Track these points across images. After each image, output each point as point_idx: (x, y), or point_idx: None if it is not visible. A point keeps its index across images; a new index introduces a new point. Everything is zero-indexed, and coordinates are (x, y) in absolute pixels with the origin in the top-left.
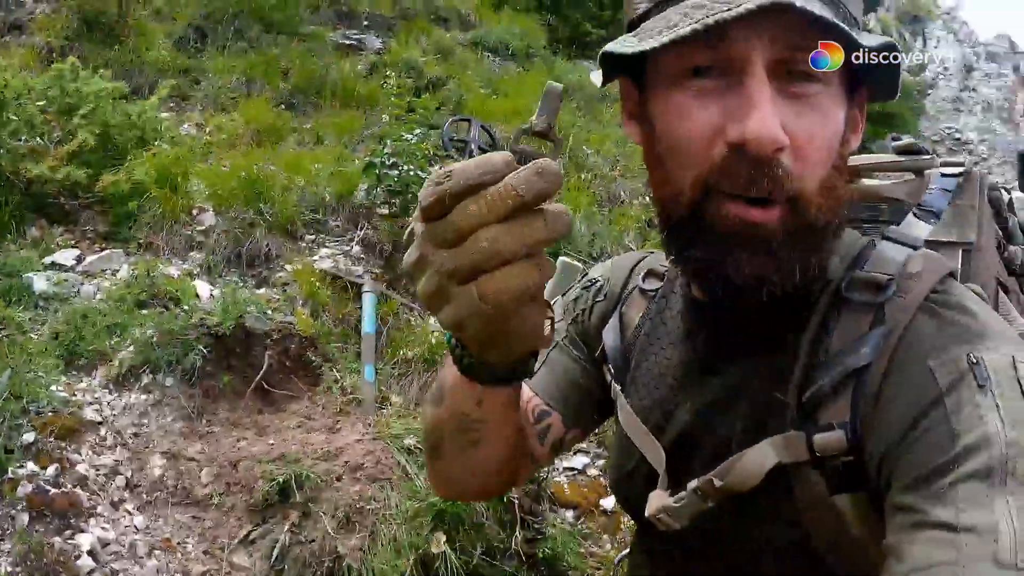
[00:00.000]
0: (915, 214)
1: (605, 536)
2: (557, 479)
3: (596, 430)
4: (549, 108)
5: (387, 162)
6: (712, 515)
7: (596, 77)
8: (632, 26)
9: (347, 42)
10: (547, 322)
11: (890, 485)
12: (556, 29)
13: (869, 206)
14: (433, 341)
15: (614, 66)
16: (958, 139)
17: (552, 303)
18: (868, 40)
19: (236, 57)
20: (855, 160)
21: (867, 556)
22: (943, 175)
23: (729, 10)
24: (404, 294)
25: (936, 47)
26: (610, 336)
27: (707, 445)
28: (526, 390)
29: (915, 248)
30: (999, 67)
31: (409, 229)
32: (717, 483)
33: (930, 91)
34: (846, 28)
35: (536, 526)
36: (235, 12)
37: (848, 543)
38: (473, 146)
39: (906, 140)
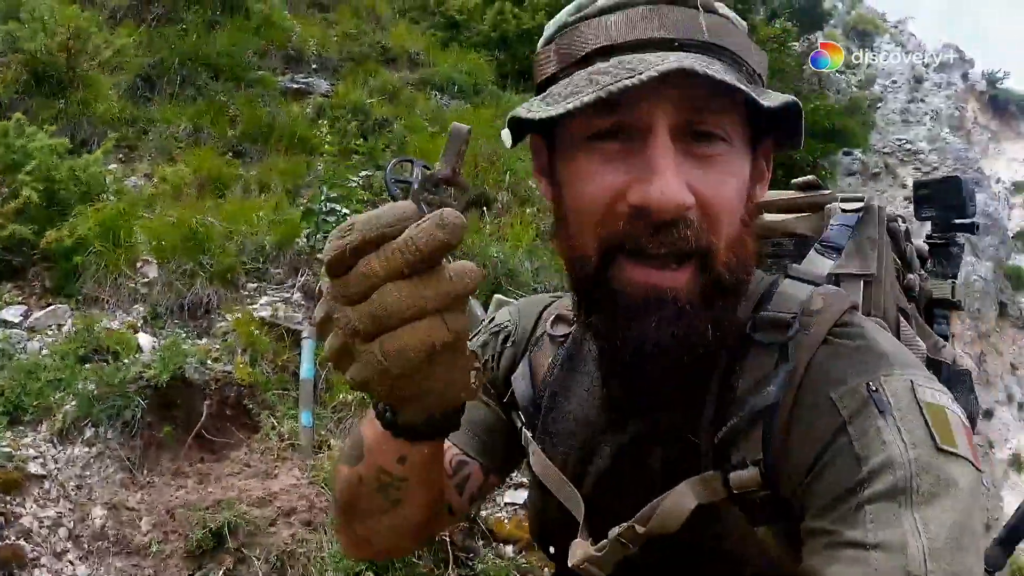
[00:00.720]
0: (817, 250)
1: (546, 570)
2: (497, 514)
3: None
4: (454, 151)
5: (325, 208)
6: (637, 560)
7: (506, 137)
8: (541, 88)
9: (295, 86)
10: (473, 373)
11: (804, 513)
12: (505, 64)
13: (773, 242)
14: None
15: (524, 127)
16: (909, 149)
17: (477, 353)
18: (771, 100)
19: (184, 106)
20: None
21: None
22: (843, 210)
23: (632, 77)
24: None
25: (885, 60)
26: (520, 384)
27: (626, 490)
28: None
29: (817, 284)
30: (948, 76)
31: (319, 285)
32: (640, 529)
33: (880, 104)
34: (747, 90)
35: (470, 563)
36: (183, 60)
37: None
38: (415, 186)
39: (806, 178)
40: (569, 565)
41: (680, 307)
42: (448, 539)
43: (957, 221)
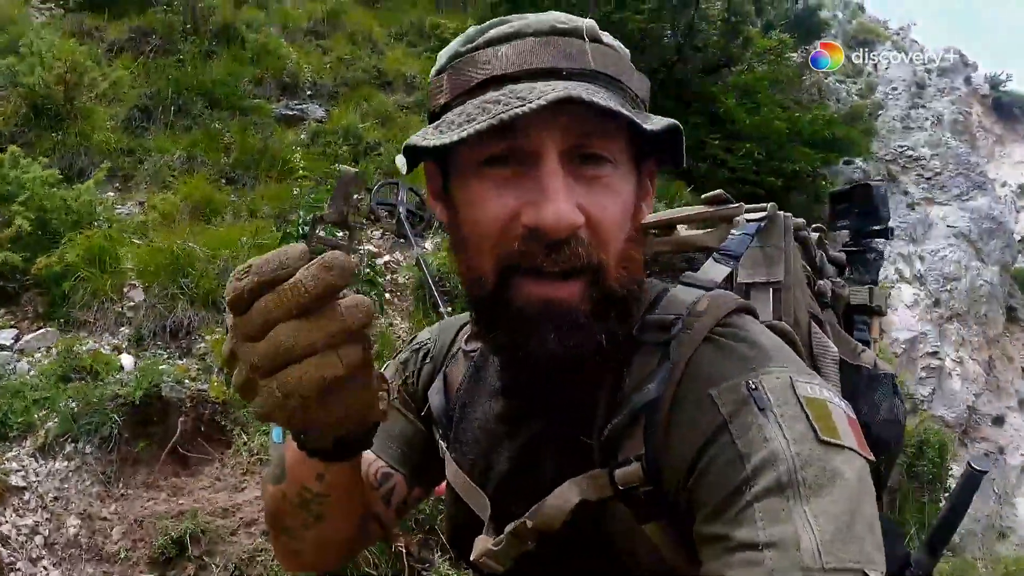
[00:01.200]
0: (714, 258)
1: None
2: None
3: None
4: (342, 195)
5: (303, 231)
6: (536, 557)
7: (401, 164)
8: (434, 116)
9: (290, 113)
10: (382, 395)
11: (693, 516)
12: None
13: (685, 256)
14: None
15: (418, 154)
16: (911, 156)
17: (384, 373)
18: (653, 124)
19: (179, 135)
20: (669, 214)
21: None
22: (748, 220)
23: (522, 105)
24: None
25: (887, 68)
26: (435, 398)
27: (525, 490)
28: (367, 454)
29: (708, 289)
30: (951, 81)
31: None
32: (529, 524)
33: (881, 112)
34: (630, 115)
35: (424, 573)
36: (179, 90)
37: (665, 572)
38: (401, 208)
39: (715, 192)
40: (471, 559)
41: (574, 318)
42: (404, 550)
43: (871, 228)
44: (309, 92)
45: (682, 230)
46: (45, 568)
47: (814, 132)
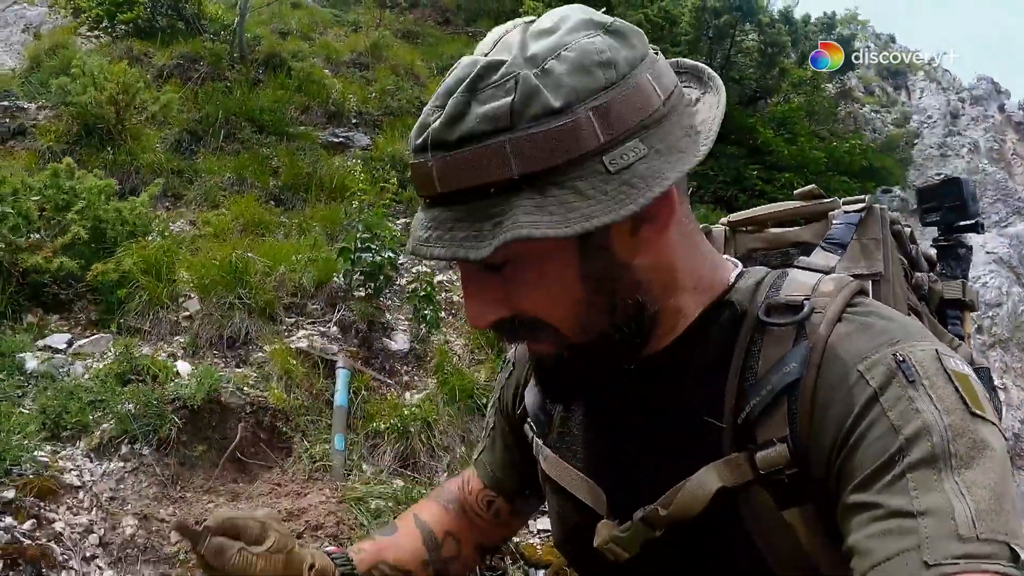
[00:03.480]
0: (822, 247)
1: None
2: (530, 540)
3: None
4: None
5: (360, 246)
6: (663, 545)
7: None
8: None
9: (336, 140)
10: None
11: (839, 490)
12: None
13: (781, 253)
14: (405, 413)
15: None
16: (949, 176)
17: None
18: (493, 241)
19: (228, 158)
20: (761, 210)
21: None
22: (846, 212)
23: (414, 248)
24: (377, 370)
25: (920, 98)
26: (530, 396)
27: (646, 479)
28: (475, 483)
29: (826, 273)
30: (984, 109)
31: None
32: (662, 512)
33: (916, 141)
34: (470, 254)
35: None
36: (227, 115)
37: (802, 564)
38: None
39: (808, 187)
40: (595, 545)
41: (548, 366)
42: None
43: (961, 223)
44: (355, 120)
45: (773, 228)
46: (100, 567)
47: (851, 161)
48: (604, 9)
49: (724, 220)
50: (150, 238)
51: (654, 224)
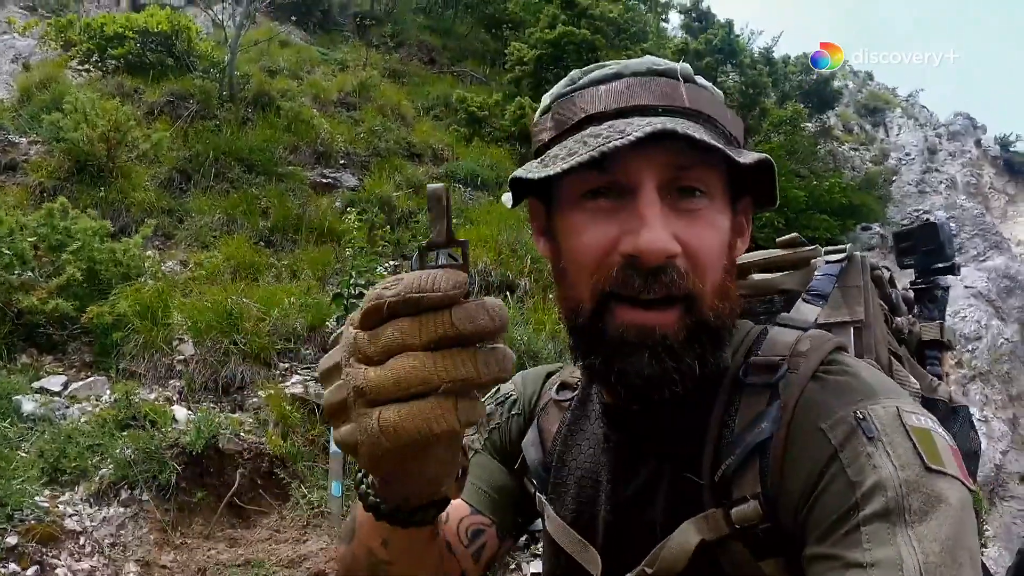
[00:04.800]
0: (804, 299)
1: None
2: None
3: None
4: (438, 214)
5: (353, 292)
6: None
7: (507, 199)
8: (538, 152)
9: (324, 180)
10: (458, 473)
11: (805, 543)
12: (526, 157)
13: (764, 300)
14: None
15: (523, 189)
16: (927, 219)
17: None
18: (746, 157)
19: (218, 197)
20: (746, 258)
21: None
22: (827, 262)
23: (621, 138)
24: None
25: (898, 135)
26: (531, 450)
27: (635, 537)
28: (458, 507)
29: (805, 330)
30: (961, 144)
31: (336, 333)
32: (648, 571)
33: (895, 177)
34: (724, 148)
35: None
36: (217, 155)
37: None
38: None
39: (789, 235)
40: None
41: (668, 344)
42: None
43: (938, 265)
44: (342, 161)
45: (756, 275)
46: None
47: (831, 200)
48: (591, 55)
49: None
50: (143, 280)
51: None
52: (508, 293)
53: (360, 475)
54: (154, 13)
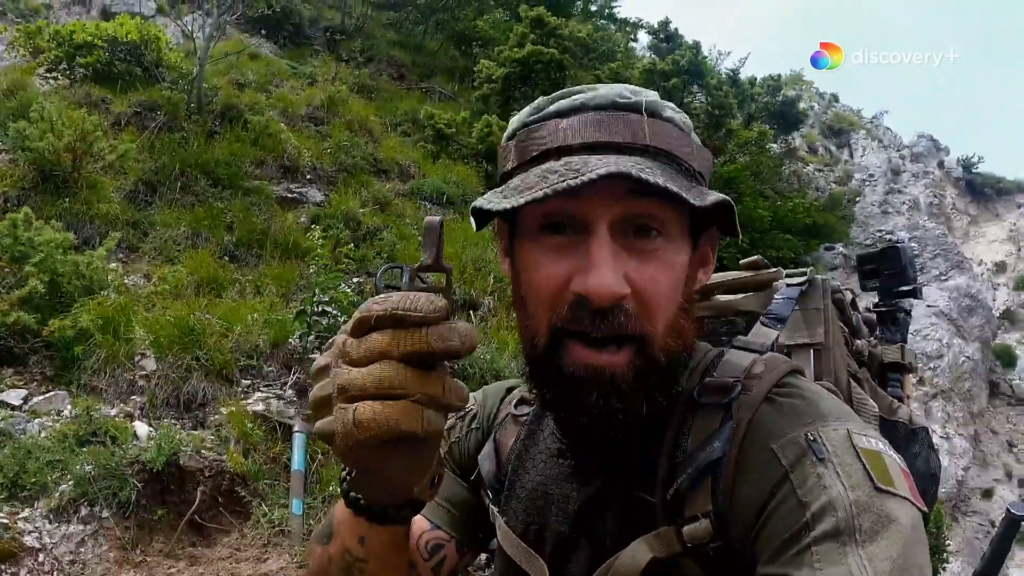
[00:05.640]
0: (762, 322)
1: None
2: None
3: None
4: (431, 242)
5: (317, 310)
6: None
7: (472, 223)
8: (503, 179)
9: (290, 195)
10: (433, 478)
11: (756, 563)
12: (492, 176)
13: (726, 321)
14: None
15: (485, 215)
16: (889, 240)
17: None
18: (704, 199)
19: (183, 211)
20: (711, 279)
21: None
22: (788, 284)
23: (576, 178)
24: None
25: (863, 156)
26: (486, 462)
27: (584, 551)
28: (418, 523)
29: (760, 353)
30: (924, 166)
31: (330, 340)
32: None
33: (859, 198)
34: (676, 190)
35: None
36: (183, 167)
37: None
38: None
39: (752, 258)
40: None
41: (617, 385)
42: None
43: (900, 288)
44: (308, 176)
45: (720, 295)
46: None
47: (796, 220)
48: (559, 74)
49: None
50: (105, 293)
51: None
52: (471, 311)
53: (344, 472)
54: (124, 22)
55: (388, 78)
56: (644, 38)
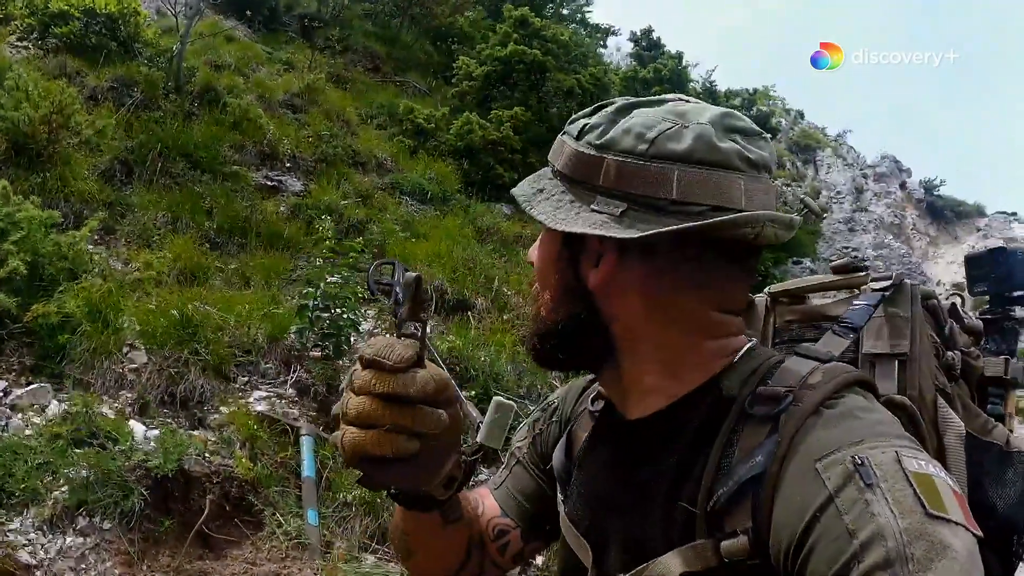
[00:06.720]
0: (834, 331)
1: None
2: None
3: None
4: (407, 296)
5: (319, 305)
6: None
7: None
8: None
9: (269, 183)
10: (444, 478)
11: None
12: (470, 173)
13: (814, 326)
14: None
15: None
16: (856, 256)
17: (459, 460)
18: (569, 225)
19: (161, 193)
20: (799, 282)
21: None
22: (873, 289)
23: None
24: None
25: (828, 173)
26: (558, 455)
27: (626, 546)
28: (490, 507)
29: (823, 361)
30: (887, 186)
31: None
32: None
33: (825, 215)
34: (537, 216)
35: None
36: (161, 148)
37: None
38: (397, 289)
39: (843, 260)
40: None
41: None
42: None
43: (1014, 294)
44: (288, 164)
45: (814, 299)
46: None
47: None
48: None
49: (767, 290)
50: (88, 278)
51: (599, 267)
52: (466, 313)
53: None
54: None
55: (363, 69)
56: (627, 46)
